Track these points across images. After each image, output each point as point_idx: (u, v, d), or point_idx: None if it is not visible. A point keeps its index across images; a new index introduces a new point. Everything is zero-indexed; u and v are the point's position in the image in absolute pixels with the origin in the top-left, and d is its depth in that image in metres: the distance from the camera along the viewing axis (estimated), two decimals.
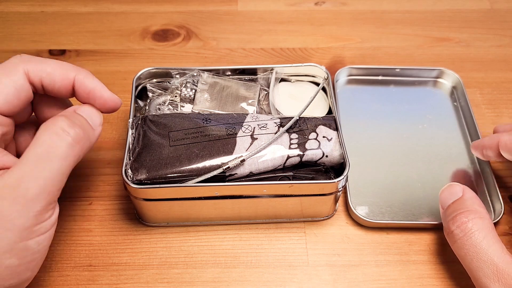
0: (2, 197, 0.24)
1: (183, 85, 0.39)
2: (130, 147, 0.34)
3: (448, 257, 0.35)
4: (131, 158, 0.33)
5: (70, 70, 0.30)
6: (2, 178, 0.25)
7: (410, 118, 0.44)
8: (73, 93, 0.31)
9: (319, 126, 0.35)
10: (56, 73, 0.29)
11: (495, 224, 0.37)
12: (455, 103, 0.45)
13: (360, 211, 0.37)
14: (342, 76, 0.47)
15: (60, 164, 0.26)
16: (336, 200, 0.36)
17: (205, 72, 0.40)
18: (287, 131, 0.35)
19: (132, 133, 0.35)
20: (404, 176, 0.40)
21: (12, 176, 0.25)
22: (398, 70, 0.47)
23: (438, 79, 0.47)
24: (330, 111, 0.39)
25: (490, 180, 0.39)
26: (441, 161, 0.41)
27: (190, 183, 0.32)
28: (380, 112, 0.44)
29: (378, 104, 0.45)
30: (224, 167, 0.32)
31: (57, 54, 0.50)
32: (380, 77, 0.47)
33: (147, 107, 0.39)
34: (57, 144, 0.26)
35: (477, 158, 0.41)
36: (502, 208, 0.37)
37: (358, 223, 0.37)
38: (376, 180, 0.39)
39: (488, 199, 0.38)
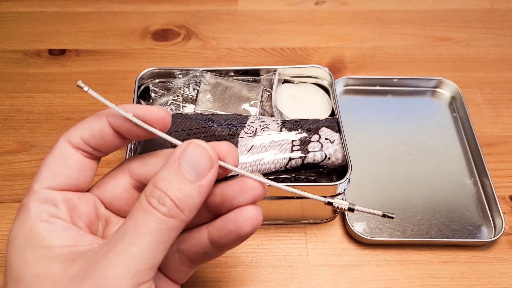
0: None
1: (186, 85, 0.39)
2: (132, 147, 0.34)
3: (448, 257, 0.35)
4: None
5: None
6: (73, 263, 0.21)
7: (408, 130, 0.43)
8: None
9: (322, 128, 0.35)
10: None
11: (494, 242, 0.36)
12: (454, 114, 0.44)
13: (358, 228, 0.36)
14: (338, 86, 0.45)
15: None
16: None
17: (208, 73, 0.40)
18: (289, 131, 0.35)
19: None
20: (403, 190, 0.39)
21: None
22: (395, 80, 0.46)
23: (437, 89, 0.46)
24: (332, 113, 0.39)
25: (490, 194, 0.38)
26: (440, 174, 0.40)
27: None
28: (377, 123, 0.43)
29: (375, 115, 0.44)
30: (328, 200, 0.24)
31: (57, 54, 0.49)
32: (377, 87, 0.46)
33: None
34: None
35: (477, 170, 0.40)
36: (503, 224, 0.35)
37: (356, 240, 0.36)
38: (374, 194, 0.38)
39: (489, 213, 0.37)
